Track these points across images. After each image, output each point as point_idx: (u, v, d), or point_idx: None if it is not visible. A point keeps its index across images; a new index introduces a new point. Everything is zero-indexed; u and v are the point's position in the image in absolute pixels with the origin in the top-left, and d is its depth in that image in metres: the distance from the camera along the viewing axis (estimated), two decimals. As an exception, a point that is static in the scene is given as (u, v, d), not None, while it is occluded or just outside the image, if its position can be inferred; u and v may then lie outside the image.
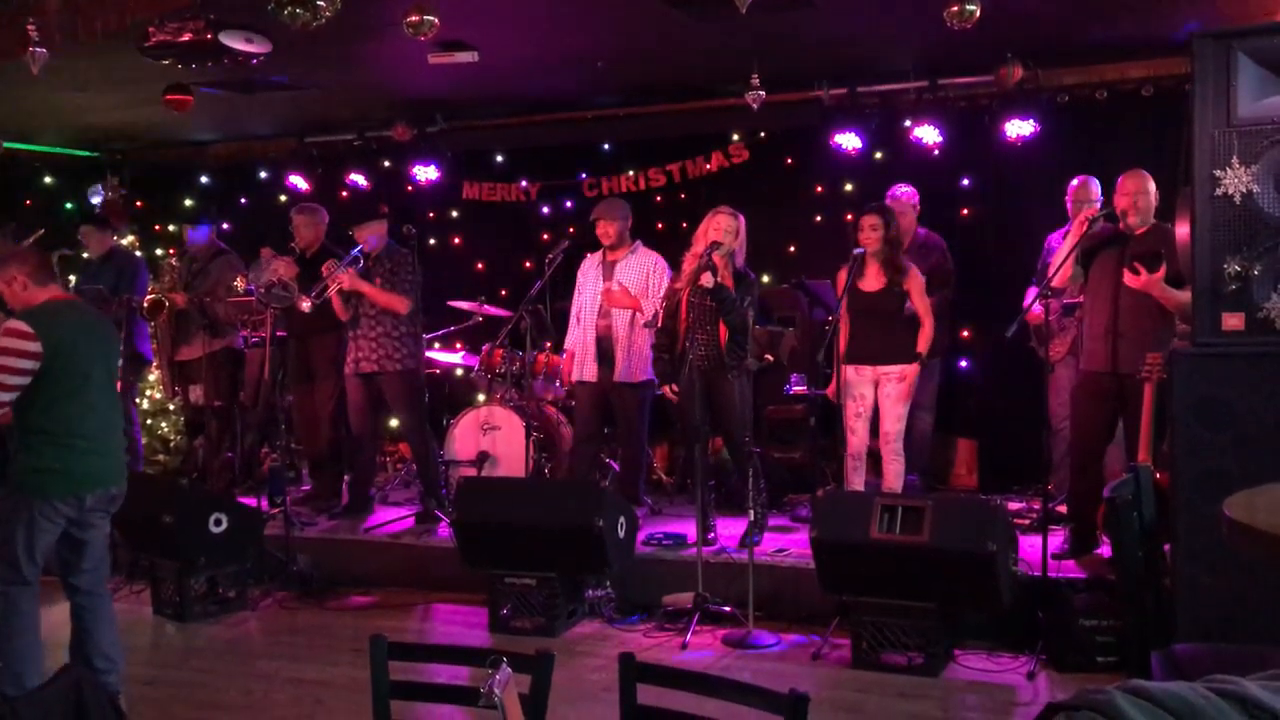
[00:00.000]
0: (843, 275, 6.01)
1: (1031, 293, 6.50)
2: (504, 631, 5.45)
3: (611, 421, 6.82)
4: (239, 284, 6.92)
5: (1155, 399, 4.92)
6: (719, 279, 5.80)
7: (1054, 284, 5.47)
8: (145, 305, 7.21)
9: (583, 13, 5.89)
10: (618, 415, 6.67)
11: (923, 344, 5.85)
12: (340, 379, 7.11)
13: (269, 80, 6.94)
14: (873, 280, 5.89)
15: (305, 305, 6.52)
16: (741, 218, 6.00)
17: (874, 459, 6.07)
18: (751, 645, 5.14)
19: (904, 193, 6.82)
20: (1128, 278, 5.19)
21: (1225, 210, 3.96)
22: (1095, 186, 6.21)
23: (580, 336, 6.69)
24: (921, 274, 6.01)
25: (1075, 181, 6.34)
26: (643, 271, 6.55)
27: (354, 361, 6.77)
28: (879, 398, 5.88)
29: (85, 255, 7.72)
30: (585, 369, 6.63)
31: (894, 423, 5.84)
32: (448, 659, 2.94)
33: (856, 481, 5.92)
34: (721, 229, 5.87)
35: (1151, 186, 5.36)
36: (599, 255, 6.68)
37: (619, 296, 6.48)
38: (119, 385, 6.95)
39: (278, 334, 7.13)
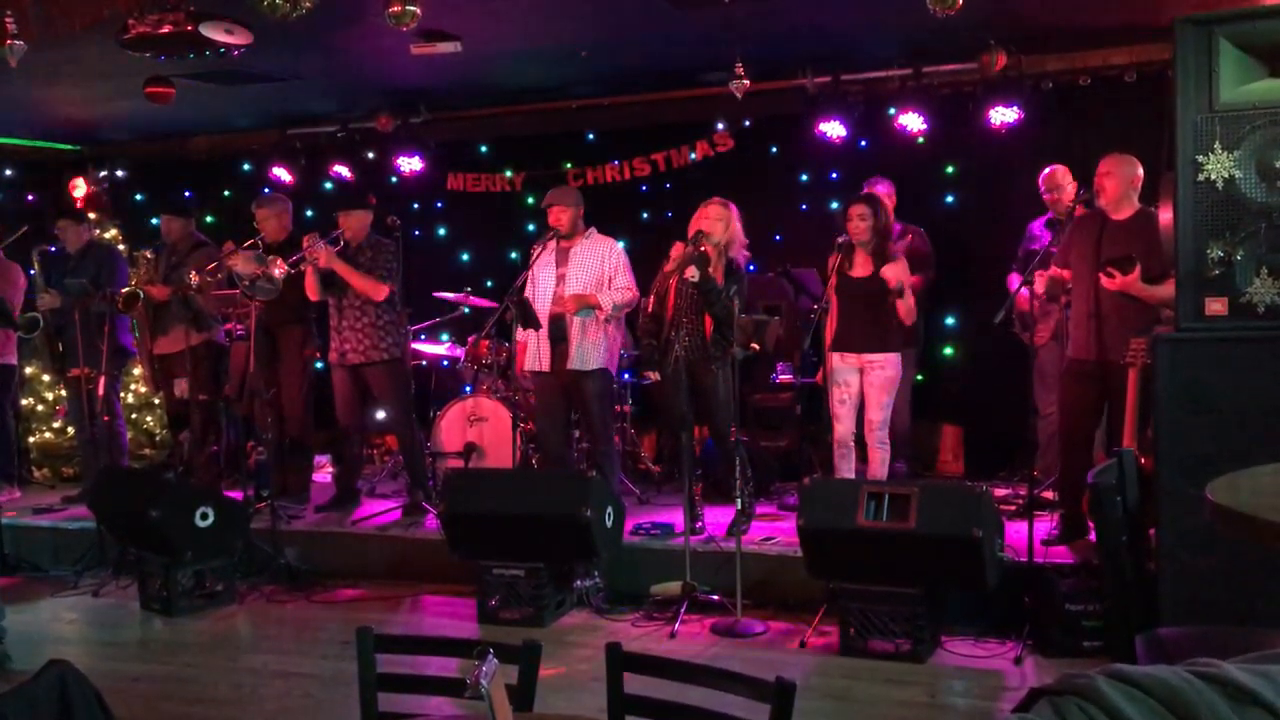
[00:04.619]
0: (832, 261, 6.01)
1: (1014, 279, 6.53)
2: (492, 622, 5.45)
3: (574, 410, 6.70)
4: (192, 279, 6.83)
5: (1139, 384, 4.94)
6: (710, 269, 5.79)
7: (1040, 295, 5.51)
8: (120, 298, 7.15)
9: (565, 1, 5.86)
10: (577, 405, 6.53)
11: (904, 312, 5.83)
12: (307, 373, 7.11)
13: (250, 72, 6.90)
14: (861, 267, 5.88)
15: (278, 270, 6.47)
16: (734, 208, 5.98)
17: (861, 447, 6.09)
18: (739, 634, 5.15)
19: (879, 186, 6.79)
20: (1103, 281, 5.21)
21: (1208, 195, 3.97)
22: (1063, 174, 6.27)
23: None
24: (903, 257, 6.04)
25: (1045, 171, 6.39)
26: (598, 257, 6.40)
27: (339, 353, 6.75)
28: (864, 386, 5.89)
29: (66, 249, 7.67)
30: (540, 358, 6.43)
31: (878, 410, 5.85)
32: (435, 650, 2.95)
33: (845, 469, 5.93)
34: (710, 218, 5.87)
35: (1123, 171, 5.32)
36: (550, 243, 6.46)
37: (572, 302, 6.28)
38: (101, 381, 7.06)
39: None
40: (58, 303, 7.32)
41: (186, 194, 9.36)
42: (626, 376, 7.33)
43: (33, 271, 7.66)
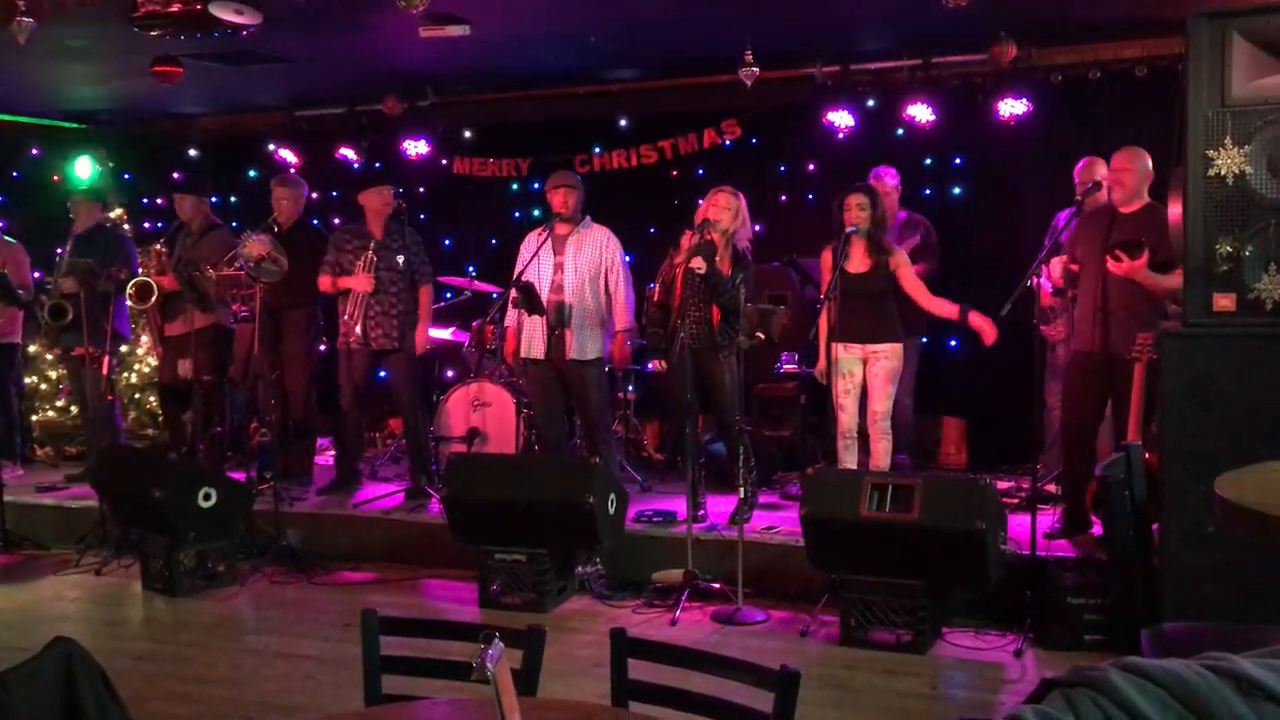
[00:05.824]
0: (826, 255, 6.00)
1: (1042, 270, 6.51)
2: (494, 607, 5.46)
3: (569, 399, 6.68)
4: (210, 273, 6.85)
5: (1145, 379, 4.93)
6: (717, 257, 5.77)
7: (1058, 283, 5.50)
8: (133, 291, 7.15)
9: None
10: (573, 394, 6.49)
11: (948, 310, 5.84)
12: (311, 356, 7.11)
13: (258, 52, 6.88)
14: (858, 262, 5.86)
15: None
16: (742, 197, 5.97)
17: (864, 438, 6.08)
18: (741, 622, 5.15)
19: (886, 174, 6.78)
20: (1110, 265, 5.20)
21: (1218, 191, 3.97)
22: (1100, 166, 6.21)
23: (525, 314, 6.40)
24: (905, 251, 6.04)
25: (1080, 162, 6.34)
26: (597, 246, 6.39)
27: (359, 338, 6.69)
28: (867, 376, 5.88)
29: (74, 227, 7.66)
30: (534, 346, 6.37)
31: (881, 401, 5.85)
32: (439, 634, 2.94)
33: (849, 460, 5.92)
34: (719, 206, 5.86)
35: (1140, 164, 5.32)
36: (544, 230, 6.42)
37: (621, 362, 6.64)
38: (105, 361, 7.06)
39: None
40: (77, 288, 7.29)
41: (193, 174, 9.33)
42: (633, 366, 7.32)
43: (59, 251, 7.63)
